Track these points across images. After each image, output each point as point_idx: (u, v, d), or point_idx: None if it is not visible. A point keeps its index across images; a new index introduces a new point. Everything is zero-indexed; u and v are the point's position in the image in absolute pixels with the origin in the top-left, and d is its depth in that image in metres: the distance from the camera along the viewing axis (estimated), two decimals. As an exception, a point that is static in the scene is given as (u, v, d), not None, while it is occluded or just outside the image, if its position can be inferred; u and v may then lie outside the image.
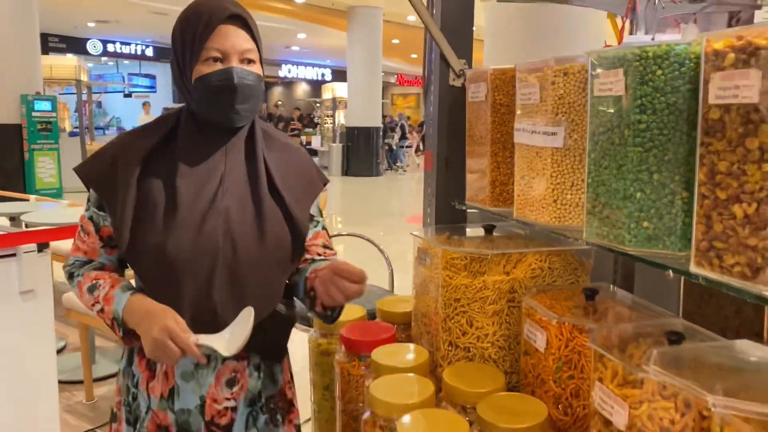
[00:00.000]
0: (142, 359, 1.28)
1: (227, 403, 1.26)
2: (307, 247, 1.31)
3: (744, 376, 0.85)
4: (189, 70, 1.20)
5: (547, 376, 1.12)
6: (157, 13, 13.12)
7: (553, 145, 1.19)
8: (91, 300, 1.24)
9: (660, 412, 0.85)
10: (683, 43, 0.94)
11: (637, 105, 0.97)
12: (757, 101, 0.77)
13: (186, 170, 1.20)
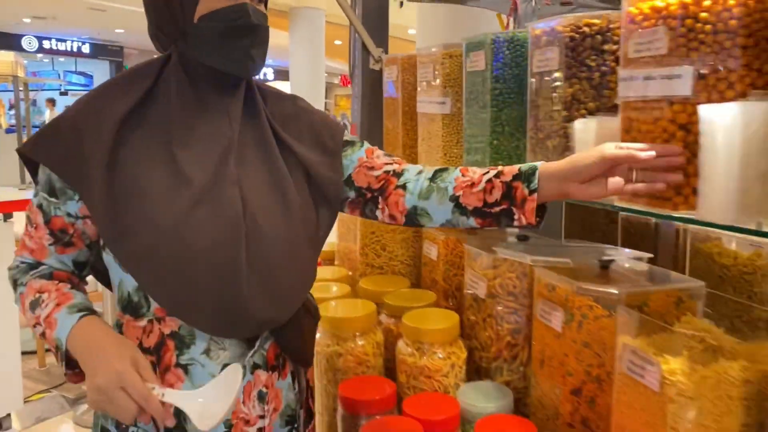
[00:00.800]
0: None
1: (260, 422, 1.02)
2: (372, 166, 1.10)
3: (560, 252, 1.24)
4: (190, 6, 0.97)
5: (438, 276, 1.50)
6: (94, 9, 13.03)
7: (443, 112, 1.56)
8: (32, 318, 0.97)
9: (506, 281, 1.24)
10: (522, 31, 1.32)
11: (493, 77, 1.34)
12: (555, 68, 1.16)
13: (184, 136, 0.98)
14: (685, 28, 0.89)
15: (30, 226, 1.01)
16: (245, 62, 0.99)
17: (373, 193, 1.08)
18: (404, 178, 1.07)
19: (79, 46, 17.47)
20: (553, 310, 1.15)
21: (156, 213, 0.93)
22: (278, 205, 1.00)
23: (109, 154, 0.95)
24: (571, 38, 1.13)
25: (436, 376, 1.27)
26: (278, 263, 0.97)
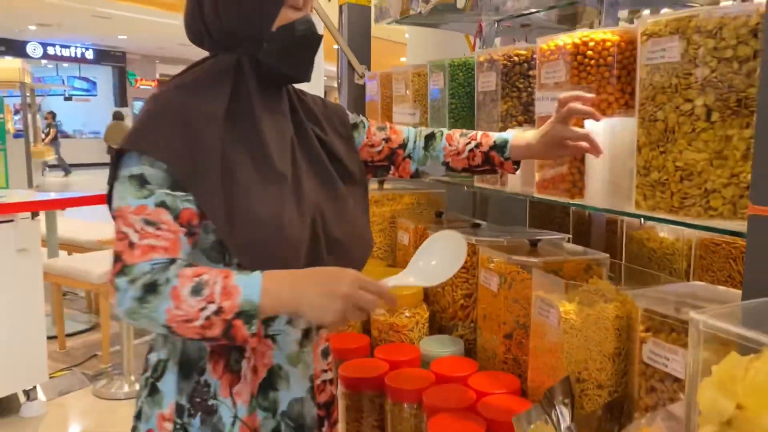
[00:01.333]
0: (217, 363, 1.08)
1: (324, 375, 1.17)
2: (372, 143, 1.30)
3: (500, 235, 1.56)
4: (269, 15, 1.06)
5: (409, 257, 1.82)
6: (99, 16, 13.35)
7: (413, 121, 1.88)
8: (196, 305, 0.92)
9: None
10: (472, 56, 1.64)
11: (450, 94, 1.66)
12: (494, 89, 1.48)
13: (268, 134, 1.07)
14: (576, 62, 1.21)
15: (150, 227, 0.96)
16: (309, 68, 1.12)
17: (379, 163, 1.32)
18: (408, 149, 1.32)
19: (83, 52, 17.82)
20: (492, 276, 1.47)
21: (260, 208, 1.00)
22: (332, 193, 1.12)
23: (221, 151, 1.01)
24: (504, 65, 1.45)
25: (403, 330, 1.59)
26: (346, 242, 1.10)
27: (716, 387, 0.70)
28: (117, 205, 0.98)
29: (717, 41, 0.96)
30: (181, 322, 0.92)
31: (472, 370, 1.44)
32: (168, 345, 1.09)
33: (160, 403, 1.08)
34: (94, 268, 3.48)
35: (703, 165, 0.98)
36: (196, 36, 1.12)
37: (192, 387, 1.07)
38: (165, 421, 1.07)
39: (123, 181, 0.99)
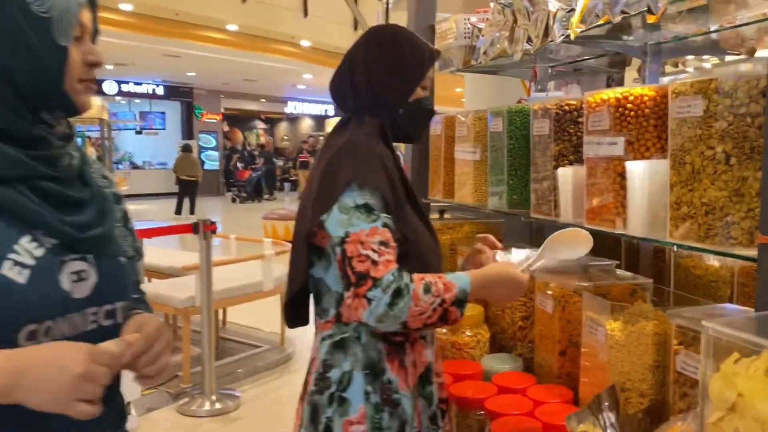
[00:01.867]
0: (393, 362, 1.32)
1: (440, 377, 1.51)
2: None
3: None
4: (409, 91, 1.41)
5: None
6: (169, 55, 14.14)
7: (474, 159, 2.10)
8: (429, 300, 1.21)
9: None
10: (528, 104, 1.86)
11: (508, 136, 1.88)
12: (547, 133, 1.69)
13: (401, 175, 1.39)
14: (618, 113, 1.42)
15: (382, 246, 1.23)
16: (424, 132, 1.55)
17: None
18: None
19: (154, 88, 18.81)
20: (547, 299, 1.66)
21: (423, 242, 1.36)
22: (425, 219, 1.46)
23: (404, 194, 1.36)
24: (556, 113, 1.66)
25: (465, 348, 1.79)
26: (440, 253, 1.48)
27: (722, 381, 0.89)
28: (348, 231, 1.24)
29: (733, 100, 1.15)
30: (416, 316, 1.21)
31: (530, 383, 1.63)
32: (350, 357, 1.31)
33: (347, 411, 1.28)
34: (177, 293, 3.78)
35: (723, 201, 1.17)
36: (341, 97, 1.46)
37: (379, 387, 1.29)
38: (353, 425, 1.28)
39: (346, 211, 1.25)
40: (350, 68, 1.42)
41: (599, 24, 1.59)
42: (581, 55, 2.29)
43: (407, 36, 1.46)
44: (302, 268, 1.37)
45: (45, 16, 0.92)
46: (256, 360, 4.20)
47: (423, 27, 2.54)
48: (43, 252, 0.92)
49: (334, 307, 1.35)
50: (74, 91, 0.97)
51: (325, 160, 1.36)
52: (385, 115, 1.40)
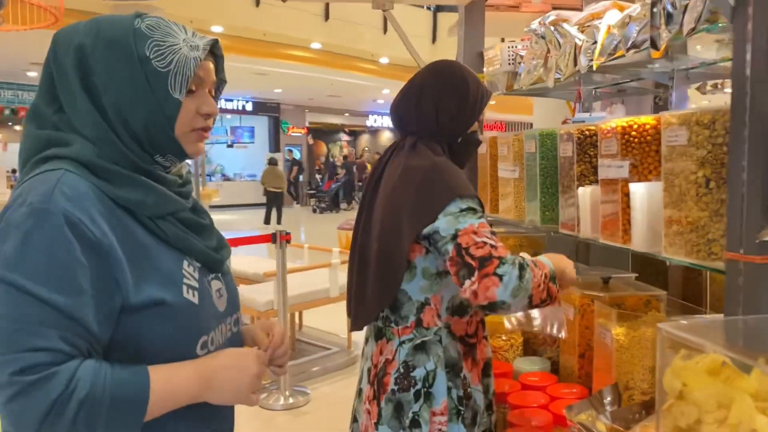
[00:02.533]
0: (467, 359, 1.52)
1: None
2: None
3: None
4: (471, 123, 1.61)
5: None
6: (257, 73, 14.88)
7: (513, 177, 2.29)
8: (538, 274, 1.38)
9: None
10: (556, 129, 2.03)
11: (541, 155, 2.06)
12: (570, 155, 1.86)
13: None
14: (624, 140, 1.58)
15: (492, 234, 1.40)
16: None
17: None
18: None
19: (243, 104, 19.78)
20: (569, 307, 1.83)
21: None
22: None
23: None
24: (578, 137, 1.83)
25: (500, 351, 1.98)
26: None
27: (672, 373, 1.05)
28: (458, 228, 1.38)
29: (711, 131, 1.30)
30: (536, 287, 1.36)
31: (551, 382, 1.80)
32: (432, 357, 1.48)
33: (432, 403, 1.46)
34: (259, 297, 4.14)
35: (705, 220, 1.32)
36: (405, 120, 1.62)
37: (460, 382, 1.48)
38: (436, 416, 1.46)
39: (453, 215, 1.41)
40: (418, 96, 1.58)
41: (615, 57, 1.76)
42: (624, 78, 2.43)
43: (471, 75, 1.63)
44: (396, 283, 1.49)
45: (164, 71, 1.01)
46: (326, 361, 4.51)
47: (472, 54, 2.75)
48: (198, 275, 1.06)
49: (414, 314, 1.50)
50: (185, 138, 1.05)
51: (411, 182, 1.49)
52: (444, 142, 1.57)
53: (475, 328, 1.57)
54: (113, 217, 0.96)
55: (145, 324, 0.97)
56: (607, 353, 1.60)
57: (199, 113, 1.05)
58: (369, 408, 1.55)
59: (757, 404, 0.92)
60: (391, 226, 1.51)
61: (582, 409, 1.43)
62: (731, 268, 1.21)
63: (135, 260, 0.97)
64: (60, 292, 0.88)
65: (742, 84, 1.17)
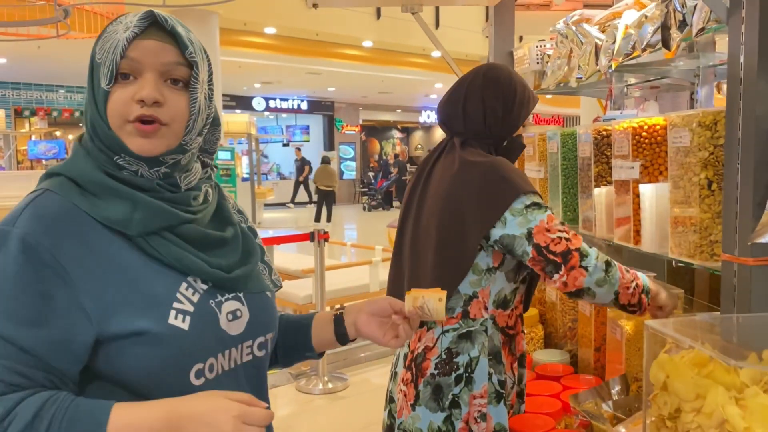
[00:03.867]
0: (505, 348, 1.57)
1: None
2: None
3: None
4: (517, 127, 1.64)
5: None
6: (311, 73, 15.12)
7: (539, 177, 2.31)
8: (629, 278, 1.47)
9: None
10: (576, 129, 2.04)
11: (562, 156, 2.08)
12: (588, 155, 1.88)
13: None
14: (635, 141, 1.59)
15: (563, 224, 1.47)
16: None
17: None
18: None
19: (299, 103, 20.12)
20: (586, 304, 1.85)
21: None
22: None
23: None
24: (595, 137, 1.85)
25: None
26: None
27: (657, 366, 1.08)
28: (530, 228, 1.44)
29: (713, 132, 1.31)
30: (625, 288, 1.43)
31: (567, 372, 1.83)
32: (477, 345, 1.53)
33: (472, 387, 1.52)
34: (299, 291, 4.30)
35: (708, 222, 1.33)
36: (451, 119, 1.65)
37: (500, 369, 1.55)
38: (476, 398, 1.52)
39: (520, 213, 1.46)
40: (466, 97, 1.61)
41: (632, 57, 1.77)
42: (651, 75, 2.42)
43: (519, 79, 1.65)
44: (456, 283, 1.53)
45: (98, 63, 0.92)
46: (365, 350, 4.68)
47: (503, 53, 2.77)
48: (199, 297, 0.95)
49: (461, 306, 1.55)
50: (122, 132, 0.92)
51: (470, 180, 1.52)
52: (491, 144, 1.61)
53: (515, 321, 1.62)
54: (91, 239, 0.89)
55: (125, 353, 0.89)
56: (618, 346, 1.62)
57: (134, 100, 0.91)
58: (405, 390, 1.61)
59: (730, 395, 0.95)
60: (452, 226, 1.54)
61: (588, 398, 1.46)
62: (726, 269, 1.22)
63: (110, 286, 0.88)
64: (8, 320, 0.83)
65: (736, 86, 1.18)
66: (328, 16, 11.31)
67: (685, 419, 1.01)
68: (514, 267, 1.56)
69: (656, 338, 1.11)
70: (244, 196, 12.28)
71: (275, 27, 11.37)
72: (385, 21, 12.43)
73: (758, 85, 1.14)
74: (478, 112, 1.59)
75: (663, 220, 1.49)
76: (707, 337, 1.14)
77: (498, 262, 1.54)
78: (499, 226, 1.47)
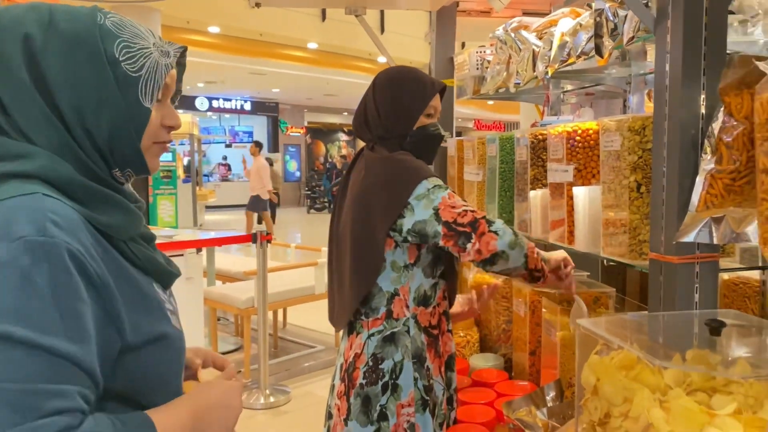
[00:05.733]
0: (431, 350, 1.58)
1: None
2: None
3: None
4: (413, 120, 1.60)
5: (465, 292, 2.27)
6: (255, 73, 14.95)
7: (477, 180, 2.34)
8: (532, 244, 1.50)
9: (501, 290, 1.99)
10: (514, 134, 2.09)
11: (500, 159, 2.12)
12: (525, 159, 1.92)
13: None
14: (569, 145, 1.64)
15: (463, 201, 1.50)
16: (434, 156, 1.70)
17: None
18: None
19: (242, 104, 19.84)
20: (521, 304, 1.89)
21: None
22: None
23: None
24: (532, 141, 1.89)
25: (457, 348, 2.03)
26: None
27: (587, 369, 1.11)
28: (435, 206, 1.47)
29: (641, 137, 1.36)
30: (531, 251, 1.46)
31: (502, 378, 1.86)
32: (400, 348, 1.54)
33: (400, 395, 1.52)
34: (240, 294, 4.20)
35: (636, 222, 1.38)
36: (359, 130, 1.69)
37: (424, 373, 1.54)
38: (404, 407, 1.52)
39: (424, 196, 1.49)
40: (365, 106, 1.67)
41: (567, 64, 1.82)
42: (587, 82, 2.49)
43: (412, 74, 1.65)
44: (372, 277, 1.55)
45: (134, 76, 0.90)
46: (309, 359, 4.57)
47: (443, 59, 2.81)
48: (163, 295, 0.98)
49: (385, 305, 1.55)
50: (149, 151, 0.94)
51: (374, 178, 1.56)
52: (396, 143, 1.62)
53: (438, 319, 1.62)
54: (100, 246, 0.85)
55: (145, 362, 0.89)
56: (553, 349, 1.66)
57: (163, 125, 0.96)
58: (339, 404, 1.61)
59: (655, 398, 0.98)
60: (363, 224, 1.57)
61: (521, 405, 1.49)
62: (653, 267, 1.27)
63: (128, 294, 0.87)
64: (73, 341, 0.76)
65: (662, 93, 1.22)
66: (273, 17, 11.20)
67: (614, 424, 1.04)
68: (431, 262, 1.59)
69: (588, 339, 1.14)
70: (184, 197, 12.03)
71: (219, 26, 11.19)
72: (331, 23, 12.40)
73: (683, 92, 1.19)
74: (375, 115, 1.63)
75: (595, 221, 1.54)
76: (636, 337, 1.17)
77: (414, 258, 1.57)
78: (408, 215, 1.50)
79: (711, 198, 1.15)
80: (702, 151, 1.19)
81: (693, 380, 0.98)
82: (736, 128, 1.10)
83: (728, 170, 1.13)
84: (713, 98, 1.18)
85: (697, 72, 1.18)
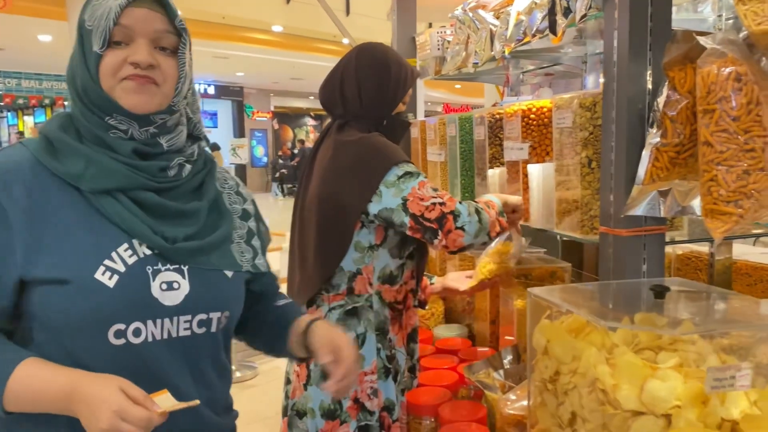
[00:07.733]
0: (394, 323, 1.63)
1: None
2: None
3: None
4: (394, 105, 1.63)
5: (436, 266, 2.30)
6: (218, 57, 14.72)
7: (440, 160, 2.36)
8: (491, 210, 1.53)
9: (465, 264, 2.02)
10: (471, 114, 2.11)
11: (460, 139, 2.14)
12: (483, 138, 1.94)
13: None
14: (524, 123, 1.67)
15: (435, 190, 1.49)
16: (401, 140, 1.72)
17: None
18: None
19: (206, 88, 19.50)
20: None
21: None
22: None
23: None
24: (490, 121, 1.92)
25: (422, 319, 2.07)
26: None
27: (538, 332, 1.15)
28: (404, 196, 1.46)
29: (592, 113, 1.39)
30: (492, 226, 1.48)
31: (465, 346, 1.90)
32: (363, 321, 1.56)
33: (362, 365, 1.53)
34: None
35: (588, 198, 1.42)
36: (330, 103, 1.65)
37: (387, 344, 1.58)
38: (367, 375, 1.55)
39: (393, 184, 1.48)
40: (341, 80, 1.62)
41: (523, 43, 1.84)
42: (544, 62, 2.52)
43: (394, 56, 1.65)
44: (338, 259, 1.55)
45: (89, 29, 0.99)
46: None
47: (405, 39, 2.81)
48: (136, 260, 0.98)
49: (346, 283, 1.58)
50: (115, 92, 0.98)
51: (343, 160, 1.55)
52: (371, 124, 1.61)
53: (404, 296, 1.65)
54: (41, 190, 0.96)
55: (49, 299, 0.95)
56: (511, 319, 1.70)
57: (127, 63, 0.98)
58: (298, 370, 1.62)
59: (602, 355, 1.01)
60: (331, 206, 1.56)
61: (481, 368, 1.53)
62: (603, 240, 1.30)
63: (46, 234, 0.94)
64: None
65: (610, 68, 1.25)
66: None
67: (563, 381, 1.08)
68: (398, 243, 1.59)
69: (539, 305, 1.18)
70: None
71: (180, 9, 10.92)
72: (295, 5, 12.27)
73: (630, 68, 1.22)
74: (354, 93, 1.60)
75: (549, 198, 1.57)
76: (588, 304, 1.21)
77: (380, 239, 1.57)
78: (376, 200, 1.49)
79: (657, 171, 1.19)
80: (648, 125, 1.23)
81: (641, 340, 1.02)
82: (680, 102, 1.14)
83: (673, 143, 1.17)
84: (659, 73, 1.21)
85: (644, 47, 1.21)
